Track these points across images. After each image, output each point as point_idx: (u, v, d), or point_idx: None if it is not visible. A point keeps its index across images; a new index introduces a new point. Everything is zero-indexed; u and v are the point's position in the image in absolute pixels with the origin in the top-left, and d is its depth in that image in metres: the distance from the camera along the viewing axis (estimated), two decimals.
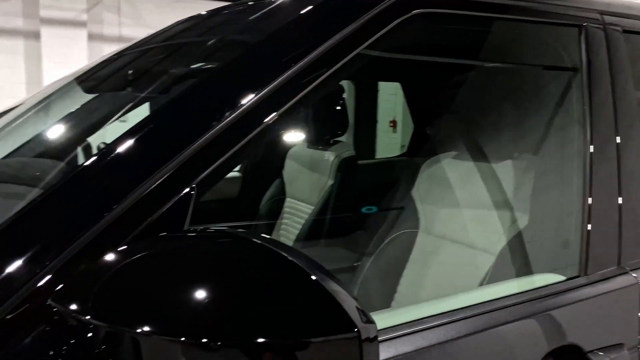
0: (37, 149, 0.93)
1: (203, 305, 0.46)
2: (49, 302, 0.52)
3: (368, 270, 1.48)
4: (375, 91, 2.96)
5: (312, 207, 1.88)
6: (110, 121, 0.89)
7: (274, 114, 0.66)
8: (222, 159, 0.61)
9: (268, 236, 0.53)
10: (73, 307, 0.50)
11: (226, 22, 1.07)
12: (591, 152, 0.93)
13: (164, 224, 0.59)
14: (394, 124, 6.86)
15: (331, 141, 1.96)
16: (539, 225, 1.01)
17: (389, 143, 5.95)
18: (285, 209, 2.08)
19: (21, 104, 1.23)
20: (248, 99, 0.65)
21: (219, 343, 0.42)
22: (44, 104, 1.10)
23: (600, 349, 0.85)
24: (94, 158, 0.63)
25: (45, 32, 7.59)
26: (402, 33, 0.81)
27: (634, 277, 0.94)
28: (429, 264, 1.33)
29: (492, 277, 1.08)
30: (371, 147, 2.93)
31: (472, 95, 1.31)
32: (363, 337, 0.42)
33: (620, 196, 0.96)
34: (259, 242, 0.50)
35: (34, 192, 0.62)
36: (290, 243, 1.91)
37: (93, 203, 0.59)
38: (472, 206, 1.27)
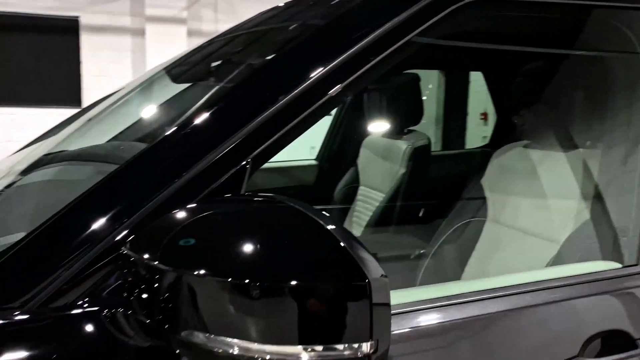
0: (127, 132, 1.07)
1: (248, 253, 0.54)
2: (126, 251, 0.62)
3: (434, 257, 1.50)
4: (464, 83, 2.89)
5: (383, 195, 1.92)
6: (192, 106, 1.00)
7: (322, 99, 0.73)
8: (273, 138, 0.69)
9: (303, 203, 0.60)
10: (145, 255, 0.60)
11: (297, 12, 1.15)
12: None
13: (223, 191, 0.68)
14: (484, 116, 6.68)
15: (405, 130, 1.99)
16: (601, 214, 0.99)
17: (479, 135, 5.81)
18: (359, 197, 2.14)
19: (118, 91, 1.39)
20: (299, 85, 0.72)
21: (257, 283, 0.50)
22: (135, 92, 1.25)
23: None
24: (168, 134, 0.73)
25: (150, 29, 8.17)
26: (457, 20, 0.83)
27: None
28: (494, 252, 1.34)
29: (554, 265, 1.08)
30: (460, 139, 2.88)
31: (540, 84, 1.29)
32: (374, 286, 0.48)
33: None
34: (296, 206, 0.58)
35: (118, 166, 0.74)
36: (361, 229, 1.96)
37: (166, 171, 0.69)
38: (538, 196, 1.25)
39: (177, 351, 0.59)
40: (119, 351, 0.62)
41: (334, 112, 2.39)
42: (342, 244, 0.51)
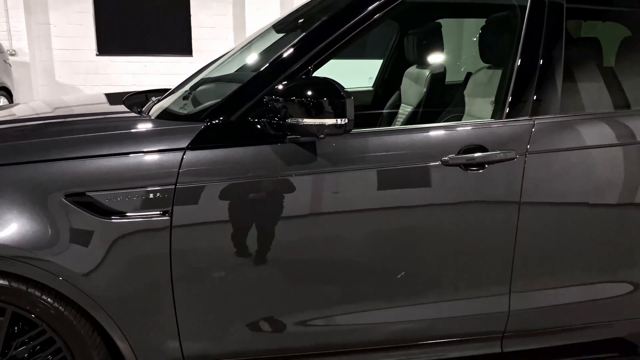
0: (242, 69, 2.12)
1: (309, 95, 1.55)
2: (267, 99, 1.66)
3: None
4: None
5: (412, 107, 2.85)
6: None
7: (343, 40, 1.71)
8: (319, 58, 1.70)
9: (331, 79, 1.58)
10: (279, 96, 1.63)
11: None
12: None
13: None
14: None
15: (430, 63, 2.87)
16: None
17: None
18: (400, 111, 3.08)
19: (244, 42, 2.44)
20: (334, 33, 1.71)
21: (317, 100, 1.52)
22: (255, 39, 2.31)
23: None
24: (259, 72, 1.77)
25: None
26: None
27: None
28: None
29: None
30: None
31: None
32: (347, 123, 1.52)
33: None
34: (331, 81, 1.57)
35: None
36: None
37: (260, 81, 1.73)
38: (488, 86, 2.15)
39: (287, 132, 1.63)
40: (266, 135, 1.67)
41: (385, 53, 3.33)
42: (345, 96, 1.52)
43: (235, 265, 1.68)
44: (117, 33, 9.39)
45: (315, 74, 1.72)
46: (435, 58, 2.81)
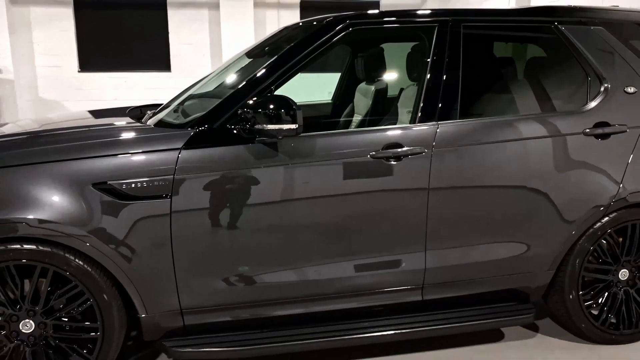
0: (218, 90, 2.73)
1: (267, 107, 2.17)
2: (241, 110, 2.25)
3: None
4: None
5: (362, 116, 3.49)
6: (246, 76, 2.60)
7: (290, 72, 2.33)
8: (275, 84, 2.30)
9: (286, 96, 2.18)
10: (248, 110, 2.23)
11: (288, 32, 2.71)
12: None
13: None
14: None
15: (375, 79, 3.51)
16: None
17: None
18: (353, 119, 3.72)
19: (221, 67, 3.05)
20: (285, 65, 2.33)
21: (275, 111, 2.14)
22: (229, 63, 2.92)
23: None
24: (231, 89, 2.36)
25: (223, 2, 9.78)
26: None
27: None
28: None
29: None
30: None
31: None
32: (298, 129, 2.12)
33: None
34: (286, 97, 2.16)
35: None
36: None
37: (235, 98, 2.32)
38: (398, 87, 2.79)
39: (256, 135, 2.22)
40: (240, 138, 2.25)
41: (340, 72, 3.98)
42: (294, 106, 2.11)
43: (217, 235, 2.26)
44: (98, 50, 9.89)
45: (280, 90, 2.33)
46: (379, 76, 3.45)
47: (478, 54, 2.79)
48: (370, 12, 2.61)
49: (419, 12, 2.59)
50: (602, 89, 2.62)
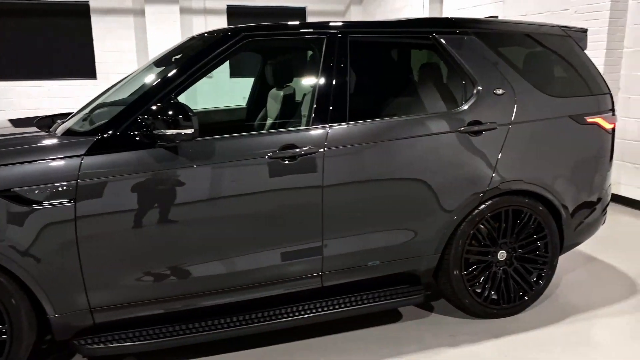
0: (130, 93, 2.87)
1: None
2: (141, 118, 2.40)
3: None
4: None
5: (272, 120, 3.70)
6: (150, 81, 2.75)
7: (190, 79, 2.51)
8: (174, 91, 2.48)
9: (183, 103, 2.36)
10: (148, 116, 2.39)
11: (193, 42, 2.89)
12: None
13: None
14: None
15: (284, 85, 3.74)
16: None
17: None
18: (266, 123, 3.93)
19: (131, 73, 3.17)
20: (185, 73, 2.51)
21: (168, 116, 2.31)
22: (137, 72, 3.06)
23: None
24: (134, 96, 2.51)
25: (148, 9, 9.75)
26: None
27: None
28: None
29: None
30: None
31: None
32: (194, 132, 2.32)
33: None
34: (180, 103, 2.33)
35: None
36: None
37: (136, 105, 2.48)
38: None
39: (157, 140, 2.38)
40: (142, 143, 2.40)
41: (253, 78, 4.19)
42: (192, 114, 2.30)
43: (122, 236, 2.40)
44: (19, 59, 9.60)
45: (182, 95, 2.50)
46: (287, 82, 3.68)
47: (365, 62, 3.07)
48: (265, 24, 2.83)
49: (310, 24, 2.84)
50: (475, 91, 2.96)
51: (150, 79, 2.77)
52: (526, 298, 3.16)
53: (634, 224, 5.08)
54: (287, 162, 2.60)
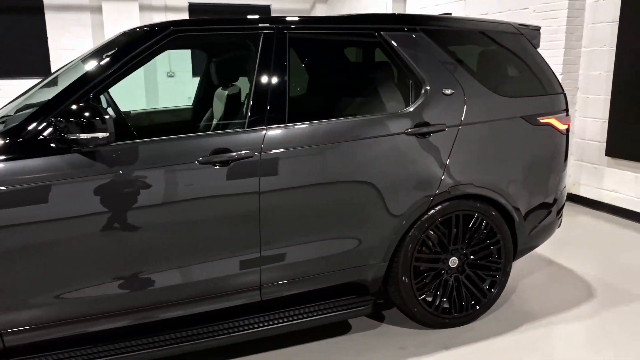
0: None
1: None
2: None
3: None
4: None
5: (216, 121, 3.50)
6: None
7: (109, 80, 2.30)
8: (93, 91, 2.26)
9: (98, 105, 2.15)
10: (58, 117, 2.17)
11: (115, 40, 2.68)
12: None
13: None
14: None
15: (230, 85, 3.54)
16: None
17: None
18: (213, 123, 3.72)
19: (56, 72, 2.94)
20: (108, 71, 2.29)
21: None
22: (61, 70, 2.82)
23: None
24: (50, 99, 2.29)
25: (106, 6, 9.41)
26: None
27: None
28: None
29: None
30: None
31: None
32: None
33: None
34: (97, 106, 2.13)
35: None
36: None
37: (64, 99, 2.25)
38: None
39: (71, 145, 2.16)
40: (55, 148, 2.19)
41: (198, 78, 3.97)
42: (107, 117, 2.09)
43: (29, 249, 2.18)
44: None
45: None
46: (231, 81, 3.49)
47: (307, 60, 2.90)
48: (196, 19, 2.63)
49: (245, 20, 2.66)
50: (422, 91, 2.82)
51: (70, 77, 2.54)
52: (478, 307, 3.04)
53: (592, 225, 5.04)
54: (218, 167, 2.41)
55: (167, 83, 10.34)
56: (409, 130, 2.75)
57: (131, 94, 9.23)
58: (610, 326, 3.04)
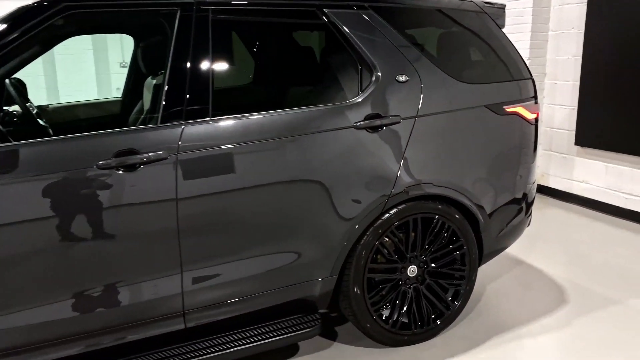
0: None
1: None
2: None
3: None
4: None
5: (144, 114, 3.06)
6: None
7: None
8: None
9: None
10: None
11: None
12: None
13: None
14: None
15: (159, 73, 3.10)
16: None
17: None
18: (142, 114, 3.28)
19: None
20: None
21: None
22: None
23: None
24: None
25: None
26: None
27: None
28: None
29: None
30: None
31: None
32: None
33: None
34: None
35: None
36: None
37: None
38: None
39: None
40: None
41: (127, 69, 3.51)
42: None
43: None
44: None
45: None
46: (160, 69, 3.04)
47: (237, 44, 2.49)
48: None
49: None
50: (373, 78, 2.44)
51: None
52: (439, 322, 2.70)
53: (562, 218, 4.79)
54: (122, 172, 1.98)
55: (121, 74, 9.75)
56: (358, 123, 2.37)
57: (82, 85, 8.64)
58: (589, 334, 2.75)
